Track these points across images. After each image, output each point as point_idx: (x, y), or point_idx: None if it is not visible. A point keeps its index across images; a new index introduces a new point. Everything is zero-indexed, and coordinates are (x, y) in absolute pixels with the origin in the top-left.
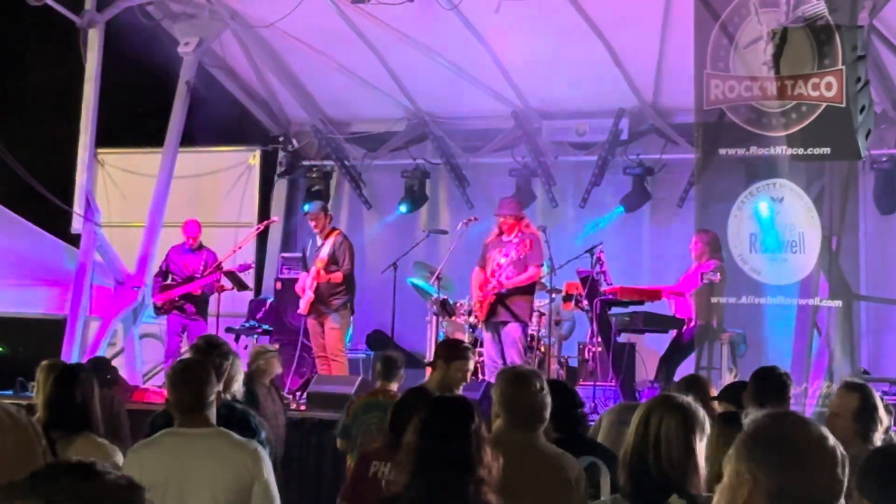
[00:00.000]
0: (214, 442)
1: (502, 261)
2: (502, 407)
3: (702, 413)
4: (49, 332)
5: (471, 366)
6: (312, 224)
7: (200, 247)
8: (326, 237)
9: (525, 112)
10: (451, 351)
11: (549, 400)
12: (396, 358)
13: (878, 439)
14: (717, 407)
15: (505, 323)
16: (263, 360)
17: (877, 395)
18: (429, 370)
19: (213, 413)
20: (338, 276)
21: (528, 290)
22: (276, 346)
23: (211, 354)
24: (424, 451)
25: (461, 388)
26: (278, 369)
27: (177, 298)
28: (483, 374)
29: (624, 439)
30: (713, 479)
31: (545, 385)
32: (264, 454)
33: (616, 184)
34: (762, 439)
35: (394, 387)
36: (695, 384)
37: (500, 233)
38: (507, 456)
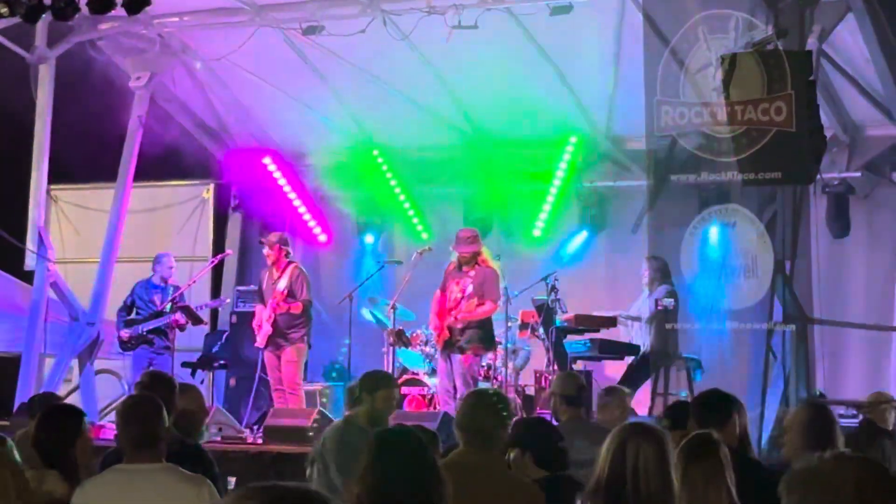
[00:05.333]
0: (162, 477)
1: (459, 296)
2: (455, 427)
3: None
4: (4, 370)
5: (396, 393)
6: (268, 256)
7: (166, 283)
8: (283, 270)
9: (478, 141)
10: (374, 381)
11: (507, 421)
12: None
13: None
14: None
15: (461, 350)
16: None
17: (833, 415)
18: None
19: (162, 448)
20: (297, 307)
21: (485, 322)
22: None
23: (157, 389)
24: (376, 491)
25: (391, 417)
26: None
27: (145, 333)
28: (438, 405)
29: None
30: None
31: (505, 406)
32: (213, 490)
33: (570, 211)
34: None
35: None
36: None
37: (459, 265)
38: (461, 478)
